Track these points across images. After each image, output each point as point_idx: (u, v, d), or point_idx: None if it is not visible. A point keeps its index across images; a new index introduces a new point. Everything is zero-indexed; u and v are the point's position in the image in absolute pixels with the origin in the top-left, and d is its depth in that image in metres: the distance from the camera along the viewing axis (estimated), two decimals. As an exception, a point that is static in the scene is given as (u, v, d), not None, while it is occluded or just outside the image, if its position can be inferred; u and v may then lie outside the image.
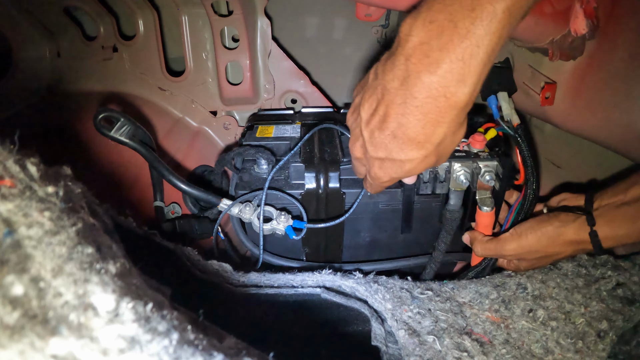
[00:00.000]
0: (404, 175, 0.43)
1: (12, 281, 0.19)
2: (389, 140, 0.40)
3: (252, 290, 0.48)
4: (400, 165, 0.41)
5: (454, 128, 0.38)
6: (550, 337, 0.43)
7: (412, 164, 0.41)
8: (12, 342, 0.16)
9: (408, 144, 0.39)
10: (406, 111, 0.37)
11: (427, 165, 0.41)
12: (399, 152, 0.40)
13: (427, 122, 0.37)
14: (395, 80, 0.37)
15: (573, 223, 0.49)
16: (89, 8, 0.84)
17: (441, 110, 0.36)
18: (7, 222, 0.22)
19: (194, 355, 0.20)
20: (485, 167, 0.52)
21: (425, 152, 0.39)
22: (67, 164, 0.33)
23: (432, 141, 0.38)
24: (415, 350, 0.41)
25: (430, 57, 0.34)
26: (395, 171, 0.42)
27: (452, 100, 0.35)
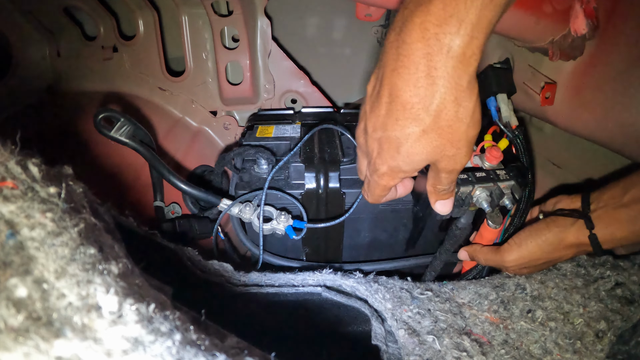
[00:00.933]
0: (402, 162, 0.36)
1: (16, 283, 0.19)
2: (386, 110, 0.35)
3: (253, 290, 0.48)
4: (396, 146, 0.35)
5: (455, 92, 0.32)
6: (549, 337, 0.43)
7: (408, 142, 0.34)
8: (17, 345, 0.17)
9: (402, 113, 0.33)
10: (397, 65, 0.32)
11: (428, 149, 0.34)
12: (394, 125, 0.34)
13: (419, 77, 0.31)
14: (392, 33, 0.33)
15: (572, 227, 0.48)
16: (89, 8, 0.84)
17: (434, 59, 0.30)
18: (10, 223, 0.22)
19: (196, 356, 0.20)
20: (505, 189, 0.50)
21: (422, 125, 0.33)
22: (67, 164, 0.33)
23: (428, 108, 0.32)
24: (415, 349, 0.41)
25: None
26: (392, 156, 0.36)
27: (444, 43, 0.30)
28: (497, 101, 0.59)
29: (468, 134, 0.34)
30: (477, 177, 0.48)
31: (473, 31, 0.30)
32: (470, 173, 0.49)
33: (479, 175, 0.49)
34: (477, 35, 0.30)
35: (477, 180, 0.48)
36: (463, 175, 0.48)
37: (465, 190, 0.47)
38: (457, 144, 0.34)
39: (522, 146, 0.56)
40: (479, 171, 0.50)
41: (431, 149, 0.34)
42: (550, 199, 0.57)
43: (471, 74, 0.32)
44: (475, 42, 0.30)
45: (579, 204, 0.50)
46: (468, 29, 0.29)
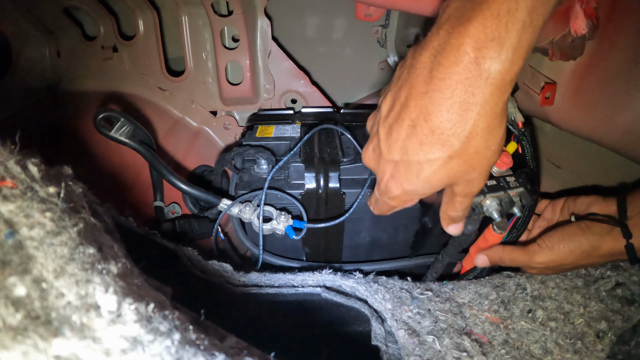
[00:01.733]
0: (419, 187, 0.35)
1: (15, 282, 0.19)
2: (407, 133, 0.33)
3: (252, 290, 0.48)
4: (417, 171, 0.34)
5: (489, 119, 0.30)
6: (549, 337, 0.43)
7: (432, 168, 0.33)
8: (16, 343, 0.16)
9: (429, 138, 0.32)
10: (430, 88, 0.31)
11: (450, 175, 0.34)
12: (417, 150, 0.33)
13: (453, 103, 0.30)
14: (425, 54, 0.32)
15: (607, 236, 0.45)
16: (89, 8, 0.84)
17: (472, 84, 0.29)
18: (9, 223, 0.22)
19: (195, 356, 0.20)
20: (514, 196, 0.48)
21: (450, 151, 0.32)
22: (67, 164, 0.33)
23: (458, 134, 0.31)
24: (415, 350, 0.41)
25: (462, 18, 0.29)
26: (409, 180, 0.35)
27: (484, 68, 0.29)
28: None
29: (491, 160, 0.33)
30: (487, 185, 0.47)
31: (514, 56, 0.29)
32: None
33: (490, 184, 0.48)
34: (517, 60, 0.29)
35: (488, 189, 0.47)
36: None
37: (477, 201, 0.46)
38: (480, 169, 0.34)
39: (530, 145, 0.56)
40: (489, 179, 0.48)
41: (453, 174, 0.34)
42: (582, 198, 0.54)
43: (505, 101, 0.31)
44: (515, 68, 0.29)
45: (614, 207, 0.48)
46: (509, 53, 0.28)
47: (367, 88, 1.01)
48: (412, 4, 0.56)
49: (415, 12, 0.58)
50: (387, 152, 0.36)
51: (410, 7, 0.57)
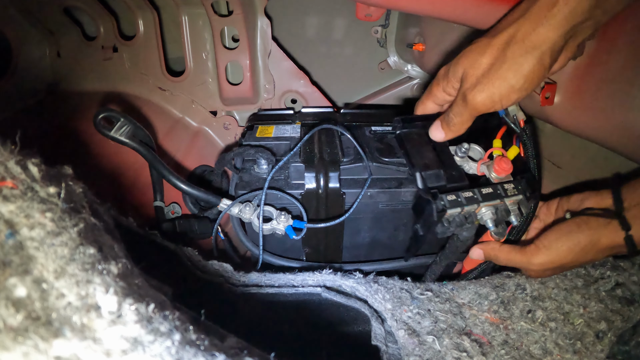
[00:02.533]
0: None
1: (15, 283, 0.19)
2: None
3: (253, 290, 0.48)
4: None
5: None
6: (549, 337, 0.43)
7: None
8: (16, 344, 0.16)
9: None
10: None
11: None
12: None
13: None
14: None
15: (605, 229, 0.45)
16: (89, 8, 0.84)
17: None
18: (9, 223, 0.22)
19: (196, 356, 0.20)
20: (512, 205, 0.47)
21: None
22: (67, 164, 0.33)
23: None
24: (415, 350, 0.41)
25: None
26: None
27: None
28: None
29: (512, 84, 0.40)
30: (482, 194, 0.47)
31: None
32: (477, 190, 0.47)
33: (485, 192, 0.47)
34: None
35: (482, 197, 0.46)
36: (468, 193, 0.46)
37: (470, 209, 0.46)
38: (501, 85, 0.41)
39: (530, 142, 0.55)
40: (485, 186, 0.47)
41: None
42: (575, 195, 0.53)
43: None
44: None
45: (610, 201, 0.47)
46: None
47: (367, 88, 1.01)
48: (412, 4, 0.56)
49: (415, 12, 0.58)
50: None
51: (410, 7, 0.57)
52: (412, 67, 0.94)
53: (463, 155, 0.53)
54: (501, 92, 0.40)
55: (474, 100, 0.42)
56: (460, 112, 0.45)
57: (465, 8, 0.53)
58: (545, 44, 0.38)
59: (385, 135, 0.68)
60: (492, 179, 0.50)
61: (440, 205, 0.45)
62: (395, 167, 0.59)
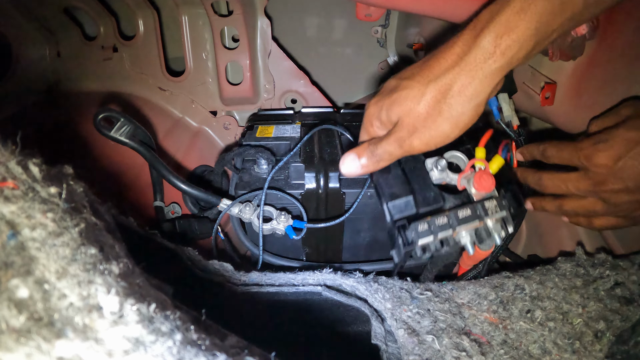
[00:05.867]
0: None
1: (17, 284, 0.19)
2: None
3: (253, 289, 0.48)
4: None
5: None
6: (548, 337, 0.43)
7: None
8: (19, 345, 0.17)
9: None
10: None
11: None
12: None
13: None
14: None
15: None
16: (89, 8, 0.84)
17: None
18: (11, 224, 0.22)
19: (197, 356, 0.21)
20: (494, 223, 0.43)
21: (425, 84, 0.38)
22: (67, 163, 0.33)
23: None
24: (415, 349, 0.41)
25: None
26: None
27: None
28: (498, 101, 0.59)
29: (438, 133, 0.39)
30: (459, 218, 0.42)
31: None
32: (452, 213, 0.42)
33: (463, 215, 0.42)
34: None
35: (459, 221, 0.42)
36: (442, 219, 0.41)
37: (446, 234, 0.42)
38: (423, 128, 0.39)
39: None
40: (463, 207, 0.42)
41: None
42: (613, 110, 0.47)
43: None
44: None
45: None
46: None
47: (367, 88, 1.01)
48: (412, 4, 0.56)
49: (415, 12, 0.58)
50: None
51: (410, 7, 0.57)
52: (412, 67, 0.94)
53: (442, 169, 0.47)
54: (437, 140, 0.40)
55: (411, 145, 0.41)
56: (391, 152, 0.42)
57: (465, 8, 0.53)
58: (482, 94, 0.37)
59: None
60: (473, 195, 0.45)
61: (409, 238, 0.41)
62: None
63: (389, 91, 0.42)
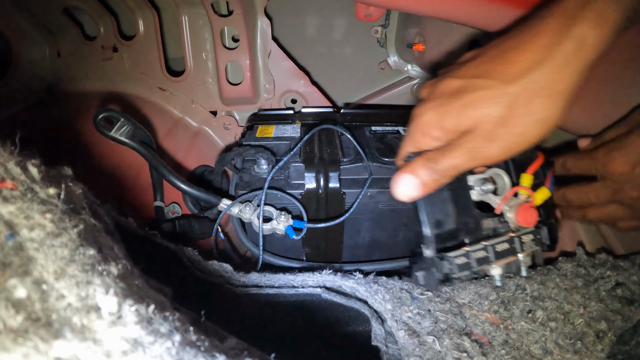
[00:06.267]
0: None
1: (15, 284, 0.19)
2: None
3: (252, 291, 0.48)
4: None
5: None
6: (549, 337, 0.43)
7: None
8: (16, 346, 0.17)
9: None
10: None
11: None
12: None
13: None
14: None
15: None
16: (89, 8, 0.84)
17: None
18: (9, 224, 0.22)
19: (196, 357, 0.20)
20: (525, 257, 0.42)
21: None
22: (67, 164, 0.33)
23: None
24: (415, 350, 0.41)
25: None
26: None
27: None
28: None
29: (522, 138, 0.34)
30: (497, 251, 0.40)
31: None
32: (491, 247, 0.40)
33: (500, 249, 0.40)
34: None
35: (496, 256, 0.40)
36: (480, 253, 0.40)
37: (478, 268, 0.41)
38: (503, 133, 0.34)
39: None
40: (502, 240, 0.40)
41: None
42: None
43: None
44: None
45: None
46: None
47: (367, 88, 1.01)
48: (412, 4, 0.56)
49: (415, 12, 0.58)
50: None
51: (411, 7, 0.57)
52: (412, 67, 0.94)
53: (486, 192, 0.43)
54: (519, 147, 0.34)
55: (487, 155, 0.35)
56: (458, 166, 0.36)
57: (466, 8, 0.53)
58: (570, 91, 0.33)
59: (386, 135, 0.68)
60: (512, 228, 0.42)
61: (446, 270, 0.40)
62: (395, 167, 0.59)
63: (452, 94, 0.36)
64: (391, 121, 0.74)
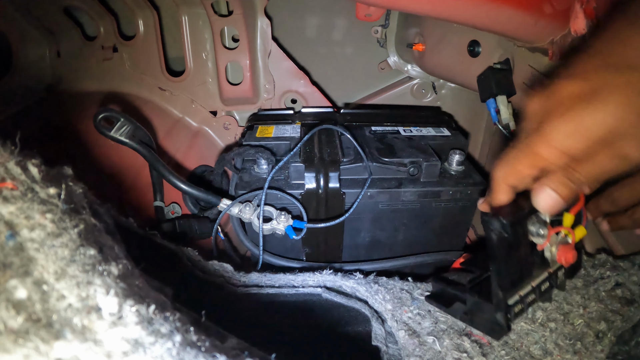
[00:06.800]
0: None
1: (16, 285, 0.19)
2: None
3: (253, 290, 0.48)
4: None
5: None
6: (549, 338, 0.43)
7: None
8: (17, 347, 0.16)
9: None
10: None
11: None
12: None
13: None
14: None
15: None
16: (89, 8, 0.84)
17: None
18: (10, 224, 0.22)
19: (196, 357, 0.20)
20: (553, 290, 0.44)
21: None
22: (67, 164, 0.33)
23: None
24: (415, 350, 0.41)
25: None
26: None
27: None
28: (496, 103, 0.59)
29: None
30: (542, 291, 0.41)
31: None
32: (537, 289, 0.41)
33: (544, 289, 0.41)
34: None
35: (541, 296, 0.41)
36: (530, 297, 0.40)
37: (520, 307, 0.40)
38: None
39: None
40: (543, 277, 0.41)
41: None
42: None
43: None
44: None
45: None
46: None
47: (367, 88, 1.01)
48: (412, 4, 0.56)
49: (415, 12, 0.58)
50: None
51: (411, 7, 0.57)
52: (412, 67, 0.94)
53: (536, 235, 0.41)
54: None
55: (637, 156, 0.31)
56: (604, 177, 0.33)
57: (466, 8, 0.53)
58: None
59: (385, 135, 0.68)
60: (549, 263, 0.42)
61: (510, 322, 0.40)
62: (395, 167, 0.59)
63: (579, 97, 0.32)
64: (391, 121, 0.74)
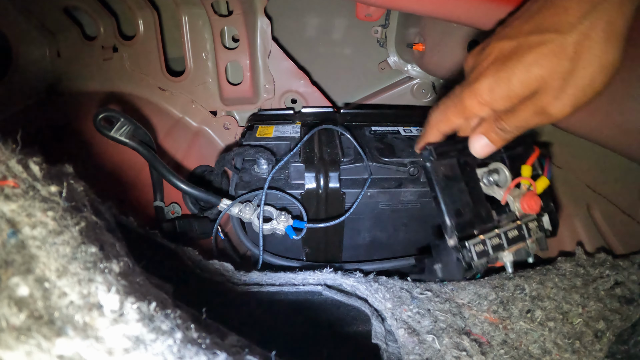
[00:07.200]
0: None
1: (18, 282, 0.19)
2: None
3: (253, 289, 0.48)
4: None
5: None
6: (548, 337, 0.43)
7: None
8: (19, 344, 0.17)
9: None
10: None
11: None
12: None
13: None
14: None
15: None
16: (89, 8, 0.84)
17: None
18: (11, 222, 0.22)
19: (197, 354, 0.21)
20: (531, 244, 0.45)
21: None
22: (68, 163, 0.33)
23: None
24: (415, 348, 0.41)
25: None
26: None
27: None
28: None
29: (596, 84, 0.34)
30: (509, 238, 0.43)
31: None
32: (503, 234, 0.43)
33: (511, 236, 0.43)
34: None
35: (508, 243, 0.43)
36: (495, 240, 0.42)
37: (494, 255, 0.43)
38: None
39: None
40: (511, 226, 0.44)
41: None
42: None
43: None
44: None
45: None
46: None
47: (367, 88, 1.01)
48: (412, 4, 0.56)
49: (415, 12, 0.58)
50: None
51: (411, 7, 0.57)
52: (412, 67, 0.94)
53: (491, 184, 0.46)
54: (586, 97, 0.34)
55: (557, 112, 0.34)
56: (524, 125, 0.36)
57: (466, 8, 0.53)
58: (625, 29, 0.31)
59: (385, 135, 0.68)
60: (516, 214, 0.45)
61: (467, 260, 0.42)
62: (395, 167, 0.59)
63: (507, 56, 0.35)
64: (391, 121, 0.74)
